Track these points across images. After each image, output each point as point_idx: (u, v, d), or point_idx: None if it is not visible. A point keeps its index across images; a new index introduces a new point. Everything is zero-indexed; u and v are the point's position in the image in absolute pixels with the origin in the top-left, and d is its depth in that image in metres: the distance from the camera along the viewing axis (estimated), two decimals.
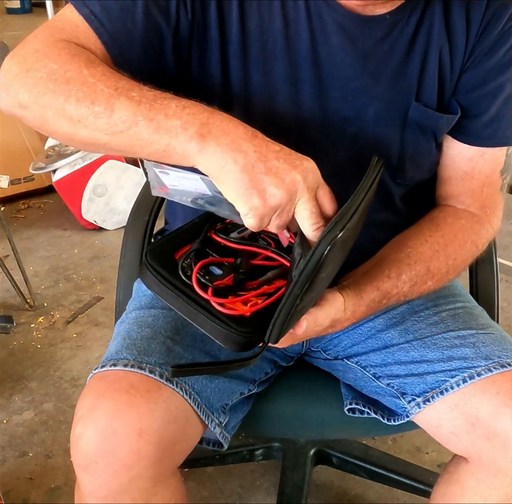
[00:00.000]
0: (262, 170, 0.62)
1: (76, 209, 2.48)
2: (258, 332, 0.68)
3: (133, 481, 0.72)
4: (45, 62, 0.69)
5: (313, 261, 0.62)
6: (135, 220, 1.14)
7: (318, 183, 0.66)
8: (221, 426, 0.82)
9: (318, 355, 0.97)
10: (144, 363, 0.76)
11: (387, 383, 0.86)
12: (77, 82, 0.67)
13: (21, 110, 0.71)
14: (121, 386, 0.73)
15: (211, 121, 0.64)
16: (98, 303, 2.08)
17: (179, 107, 0.65)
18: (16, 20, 6.72)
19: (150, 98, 0.66)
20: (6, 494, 1.37)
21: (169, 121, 0.64)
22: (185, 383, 0.77)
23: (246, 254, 0.77)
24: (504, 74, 0.85)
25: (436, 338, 0.84)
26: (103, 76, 0.68)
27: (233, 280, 0.73)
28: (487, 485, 0.77)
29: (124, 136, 0.66)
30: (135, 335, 0.82)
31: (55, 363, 1.80)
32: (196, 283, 0.71)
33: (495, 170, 0.91)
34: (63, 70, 0.68)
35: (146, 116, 0.65)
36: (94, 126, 0.67)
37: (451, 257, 0.85)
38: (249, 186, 0.62)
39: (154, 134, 0.65)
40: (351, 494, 1.40)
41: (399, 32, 0.81)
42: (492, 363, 0.77)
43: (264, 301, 0.71)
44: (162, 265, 0.73)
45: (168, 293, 0.72)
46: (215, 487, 1.42)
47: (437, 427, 0.80)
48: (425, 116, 0.85)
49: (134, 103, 0.66)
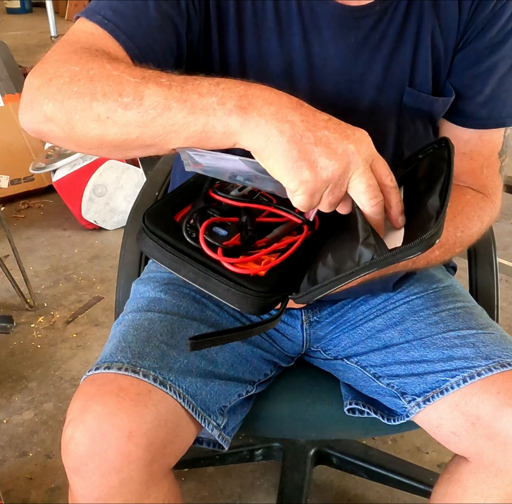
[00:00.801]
0: (311, 140, 0.58)
1: (76, 209, 2.48)
2: (276, 290, 0.64)
3: (124, 483, 0.71)
4: (66, 67, 0.66)
5: (396, 258, 0.59)
6: (135, 220, 1.14)
7: (373, 155, 0.62)
8: (219, 428, 0.81)
9: (318, 355, 0.97)
10: (138, 366, 0.76)
11: (387, 383, 0.86)
12: (101, 78, 0.64)
13: (48, 124, 0.67)
14: (110, 389, 0.73)
15: (249, 92, 0.60)
16: (98, 303, 2.08)
17: (213, 84, 0.62)
18: (16, 20, 6.72)
19: (181, 81, 0.62)
20: (6, 494, 1.37)
21: (204, 99, 0.60)
22: (178, 387, 0.77)
23: (251, 211, 0.72)
24: (497, 53, 0.84)
25: (436, 337, 0.84)
26: (127, 68, 0.65)
27: (241, 239, 0.68)
28: (488, 485, 0.77)
29: (157, 124, 0.62)
30: (131, 338, 0.81)
31: (55, 363, 1.80)
32: (205, 243, 0.65)
33: (493, 151, 0.90)
34: (86, 69, 0.65)
35: (179, 98, 0.61)
36: (124, 119, 0.63)
37: (459, 228, 0.84)
38: (298, 158, 0.58)
39: (190, 116, 0.61)
40: (351, 494, 1.40)
41: (389, 18, 0.81)
42: (493, 363, 0.77)
43: (278, 258, 0.67)
44: (163, 228, 0.67)
45: (172, 259, 0.66)
46: (215, 487, 1.42)
47: (438, 427, 0.80)
48: (420, 100, 0.84)
49: (164, 88, 0.62)
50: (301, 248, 0.71)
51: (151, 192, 1.14)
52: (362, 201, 0.61)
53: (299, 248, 0.70)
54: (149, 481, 0.74)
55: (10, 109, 2.69)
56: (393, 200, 0.65)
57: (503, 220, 0.88)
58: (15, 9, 7.10)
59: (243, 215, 0.71)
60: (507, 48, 0.84)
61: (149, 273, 0.99)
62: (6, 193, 2.68)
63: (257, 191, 0.75)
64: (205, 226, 0.67)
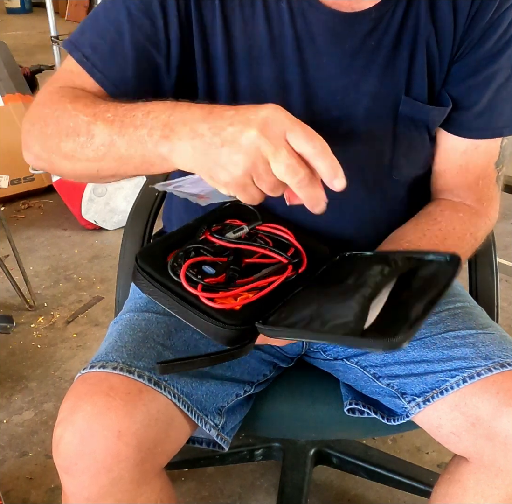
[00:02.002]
0: (218, 144, 0.61)
1: (76, 209, 2.48)
2: (247, 324, 0.68)
3: (114, 483, 0.71)
4: (41, 111, 0.76)
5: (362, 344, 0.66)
6: (134, 221, 1.14)
7: (284, 128, 0.60)
8: (217, 428, 0.81)
9: (318, 356, 0.97)
10: (133, 366, 0.76)
11: (387, 383, 0.86)
12: (64, 119, 0.72)
13: (39, 162, 0.78)
14: (101, 388, 0.73)
15: (171, 118, 0.64)
16: (98, 303, 2.08)
17: (145, 114, 0.66)
18: (16, 20, 6.72)
19: (121, 114, 0.68)
20: (6, 494, 1.37)
21: (138, 131, 0.66)
22: (173, 387, 0.77)
23: (239, 251, 0.77)
24: (495, 64, 0.84)
25: (436, 338, 0.84)
26: (83, 107, 0.72)
27: (224, 276, 0.73)
28: (488, 485, 0.77)
29: (109, 159, 0.69)
30: (127, 338, 0.81)
31: (55, 363, 1.80)
32: (185, 280, 0.71)
33: (490, 162, 0.90)
34: (52, 111, 0.74)
35: (119, 133, 0.67)
36: (83, 156, 0.71)
37: (451, 250, 0.85)
38: (212, 165, 0.61)
39: (130, 149, 0.67)
40: (351, 494, 1.40)
41: (385, 26, 0.81)
42: (492, 363, 0.77)
43: (255, 295, 0.71)
44: (152, 266, 0.74)
45: (158, 293, 0.72)
46: (215, 487, 1.42)
47: (437, 427, 0.80)
48: (416, 109, 0.84)
49: (108, 124, 0.68)
50: (280, 287, 0.74)
51: (151, 192, 1.14)
52: (287, 182, 0.60)
53: (278, 287, 0.74)
54: (140, 480, 0.73)
55: (10, 109, 2.69)
56: (321, 166, 0.61)
57: (503, 220, 0.88)
58: (15, 9, 7.10)
59: (231, 255, 0.76)
60: (505, 58, 0.84)
61: None
62: (6, 193, 2.68)
63: (254, 234, 0.80)
64: (188, 264, 0.73)
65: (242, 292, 0.71)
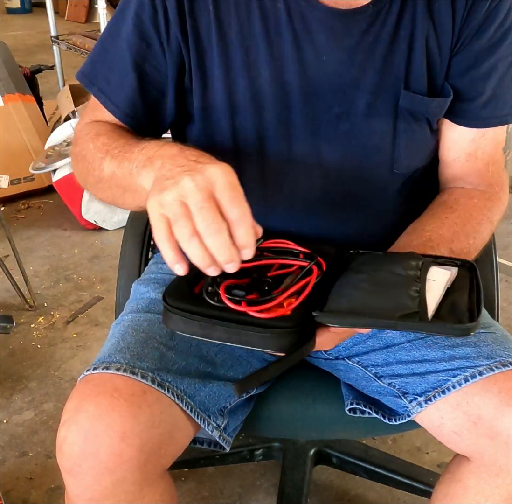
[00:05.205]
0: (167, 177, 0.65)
1: (76, 209, 2.47)
2: (303, 324, 0.69)
3: (117, 484, 0.71)
4: (75, 148, 0.88)
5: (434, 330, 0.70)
6: (134, 220, 1.14)
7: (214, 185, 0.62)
8: (220, 429, 0.81)
9: (319, 355, 0.97)
10: (136, 367, 0.76)
11: (389, 383, 0.86)
12: (87, 157, 0.83)
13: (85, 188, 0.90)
14: (105, 389, 0.73)
15: (157, 153, 0.70)
16: (98, 303, 2.08)
17: (139, 150, 0.73)
18: (16, 20, 6.71)
19: (124, 150, 0.76)
20: (6, 494, 1.37)
21: (130, 165, 0.73)
22: (176, 388, 0.77)
23: (259, 268, 0.76)
24: (496, 53, 0.85)
25: (438, 337, 0.84)
26: (100, 145, 0.81)
27: (259, 292, 0.72)
28: (489, 485, 0.77)
29: (116, 189, 0.78)
30: (130, 339, 0.81)
31: (55, 363, 1.79)
32: (229, 301, 0.69)
33: (497, 148, 0.92)
34: (80, 149, 0.85)
35: (118, 167, 0.75)
36: (100, 187, 0.82)
37: (471, 235, 0.85)
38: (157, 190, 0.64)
39: (125, 180, 0.74)
40: (351, 494, 1.40)
41: (382, 21, 0.81)
42: (494, 362, 0.77)
43: (298, 298, 0.71)
44: (184, 301, 0.70)
45: (201, 327, 0.69)
46: (215, 487, 1.42)
47: (439, 426, 0.80)
48: (415, 103, 0.85)
49: (113, 159, 0.77)
50: (315, 287, 0.74)
51: None
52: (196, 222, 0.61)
53: (314, 287, 0.74)
54: (144, 482, 0.73)
55: (10, 109, 2.68)
56: (236, 233, 0.62)
57: (503, 220, 0.88)
58: (15, 9, 7.08)
59: (254, 273, 0.74)
60: (505, 47, 0.85)
61: (150, 274, 0.99)
62: (6, 193, 2.67)
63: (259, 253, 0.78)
64: (224, 287, 0.71)
65: (283, 299, 0.71)
